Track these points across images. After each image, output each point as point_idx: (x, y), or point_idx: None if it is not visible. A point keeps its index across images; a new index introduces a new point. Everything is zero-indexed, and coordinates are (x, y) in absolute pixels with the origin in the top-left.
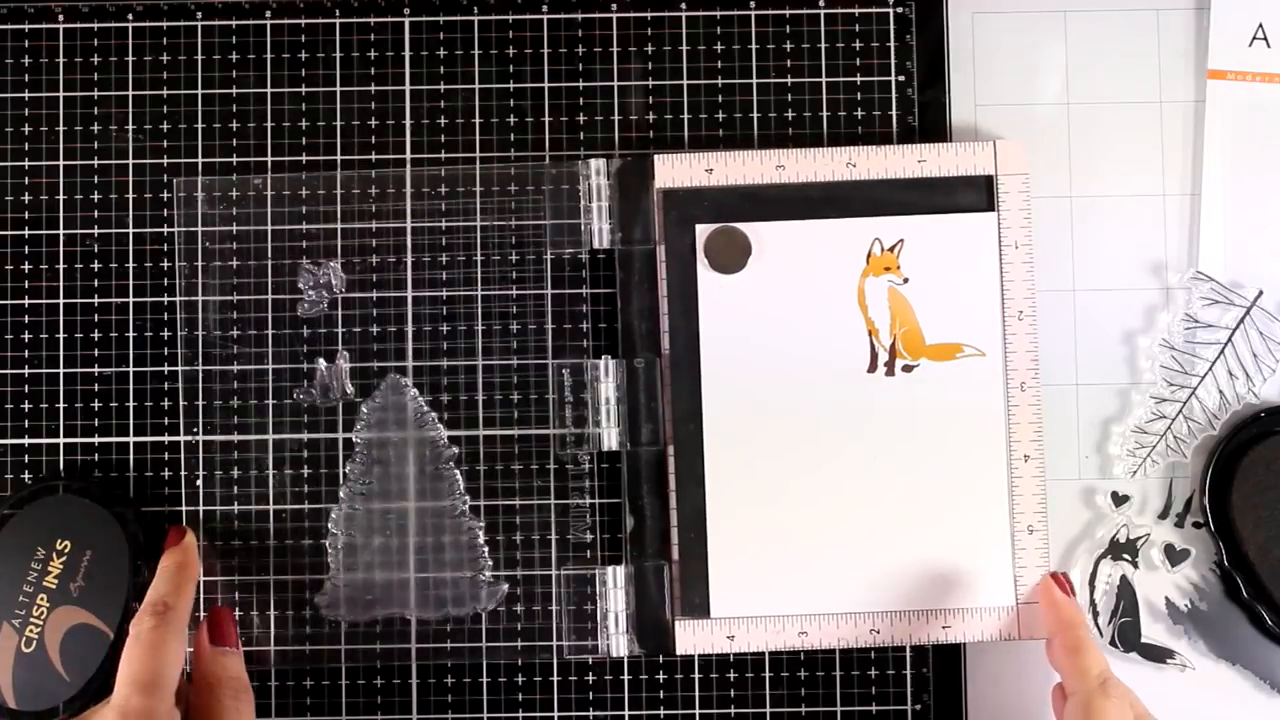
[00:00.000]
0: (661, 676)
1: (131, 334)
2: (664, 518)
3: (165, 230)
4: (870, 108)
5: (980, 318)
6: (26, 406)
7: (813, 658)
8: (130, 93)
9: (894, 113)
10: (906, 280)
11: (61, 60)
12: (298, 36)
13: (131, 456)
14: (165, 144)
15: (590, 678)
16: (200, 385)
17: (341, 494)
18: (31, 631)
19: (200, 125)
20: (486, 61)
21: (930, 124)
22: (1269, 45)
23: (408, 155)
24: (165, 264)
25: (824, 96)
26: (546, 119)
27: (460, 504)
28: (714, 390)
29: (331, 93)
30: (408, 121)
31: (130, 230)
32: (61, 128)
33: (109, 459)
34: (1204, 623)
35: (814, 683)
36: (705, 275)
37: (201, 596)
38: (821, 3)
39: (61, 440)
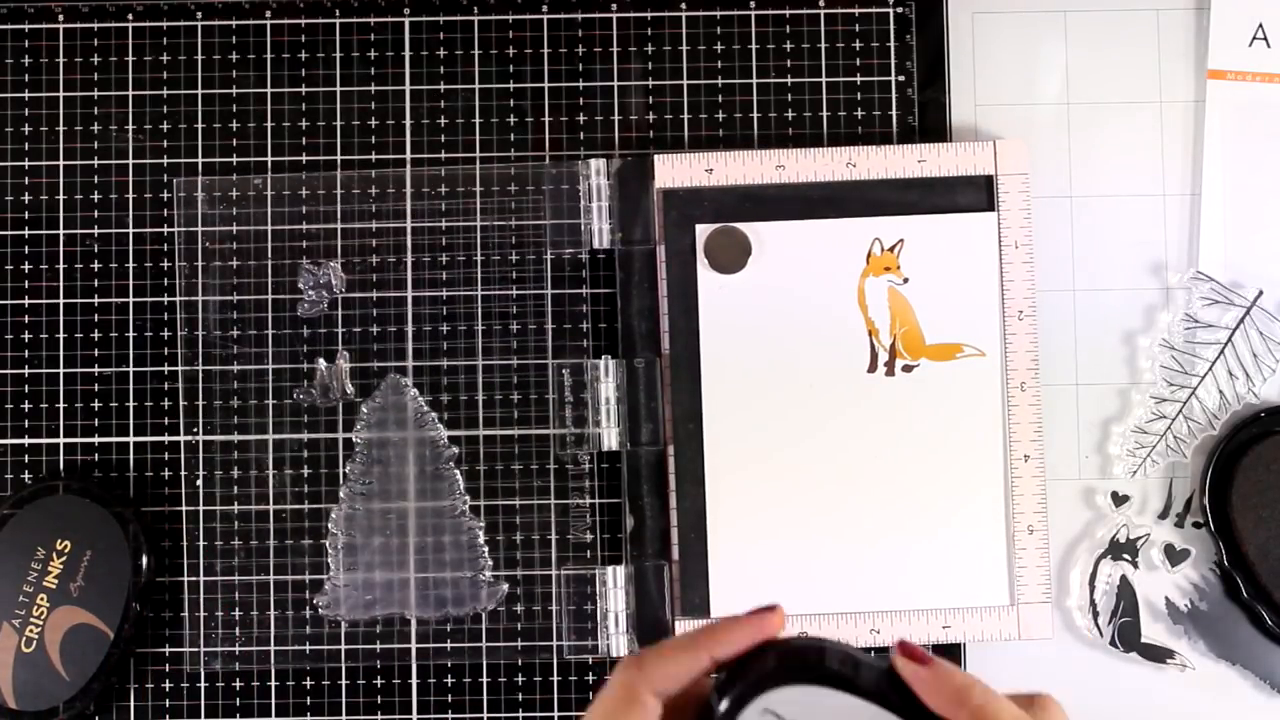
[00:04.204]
0: None
1: (131, 334)
2: (664, 518)
3: (165, 230)
4: (870, 108)
5: (980, 318)
6: (26, 406)
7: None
8: (130, 93)
9: (894, 113)
10: (906, 280)
11: (61, 60)
12: (298, 36)
13: (131, 456)
14: (165, 144)
15: (590, 678)
16: (200, 385)
17: (341, 494)
18: (31, 631)
19: (200, 125)
20: (486, 61)
21: (930, 124)
22: (1269, 45)
23: (408, 155)
24: (165, 264)
25: (824, 96)
26: (546, 119)
27: (460, 504)
28: (714, 390)
29: (331, 93)
30: (408, 121)
31: (130, 230)
32: (61, 128)
33: (109, 459)
34: (1204, 623)
35: None
36: (705, 275)
37: (201, 596)
38: (821, 3)
39: (61, 440)
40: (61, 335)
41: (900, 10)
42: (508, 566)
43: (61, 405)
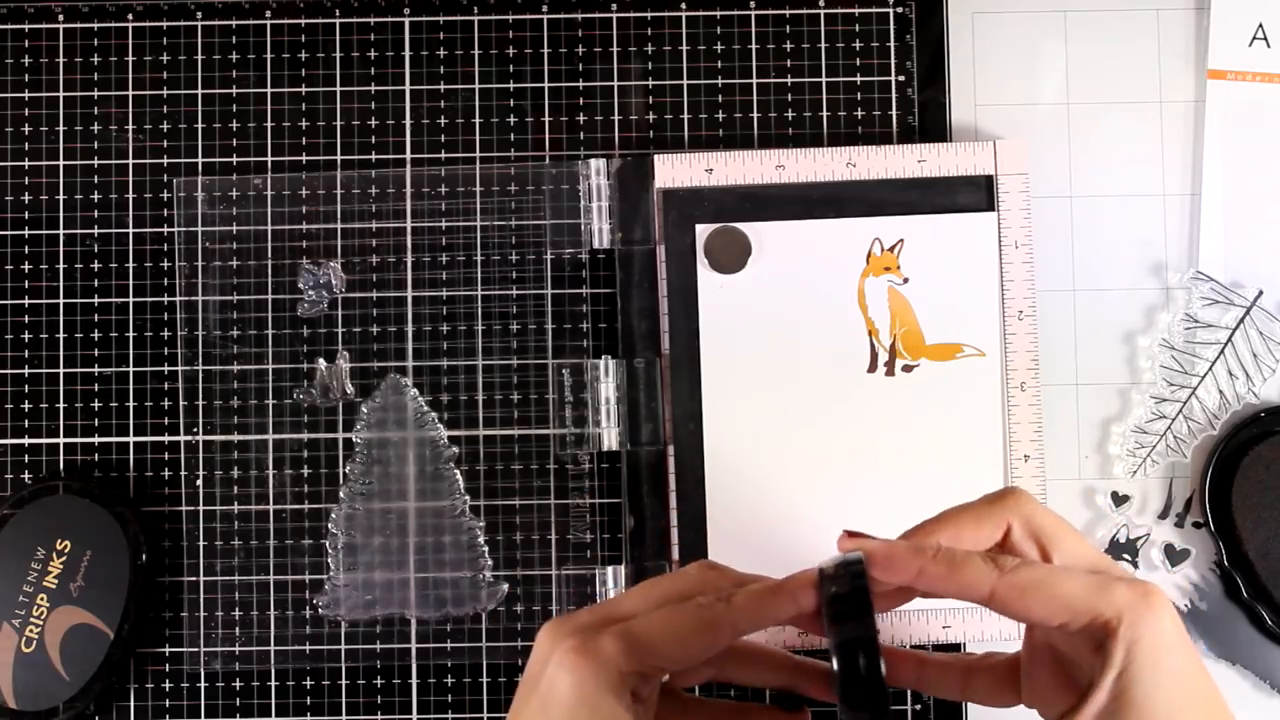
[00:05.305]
0: None
1: (131, 334)
2: (664, 518)
3: (165, 230)
4: (870, 108)
5: (980, 318)
6: (26, 406)
7: (813, 658)
8: (130, 93)
9: (894, 113)
10: (906, 280)
11: (61, 60)
12: (298, 36)
13: (131, 456)
14: (165, 144)
15: None
16: (200, 385)
17: (341, 494)
18: (31, 631)
19: (200, 125)
20: (486, 61)
21: (930, 124)
22: (1269, 45)
23: (408, 155)
24: (165, 264)
25: (824, 96)
26: (546, 119)
27: (460, 504)
28: (714, 390)
29: (331, 93)
30: (408, 121)
31: (130, 230)
32: (61, 128)
33: (109, 459)
34: (1204, 623)
35: None
36: (705, 275)
37: (201, 596)
38: (821, 3)
39: (61, 440)
40: (61, 335)
41: (900, 10)
42: (508, 566)
43: (61, 405)
